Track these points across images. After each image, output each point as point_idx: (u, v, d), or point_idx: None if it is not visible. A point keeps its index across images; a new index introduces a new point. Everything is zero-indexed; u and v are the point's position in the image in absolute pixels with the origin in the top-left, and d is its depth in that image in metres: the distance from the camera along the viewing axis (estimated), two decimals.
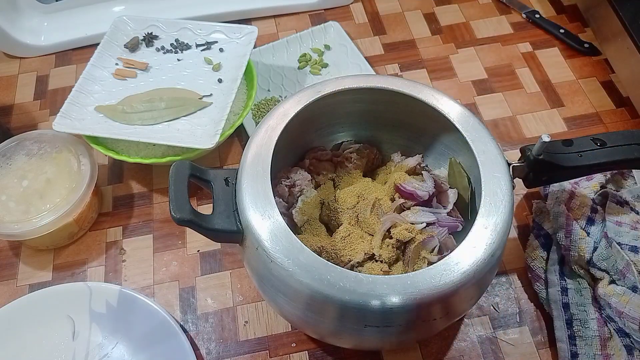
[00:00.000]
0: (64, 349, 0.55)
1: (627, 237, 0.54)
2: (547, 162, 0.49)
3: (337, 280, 0.41)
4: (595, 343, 0.52)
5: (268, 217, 0.44)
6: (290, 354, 0.56)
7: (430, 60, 0.80)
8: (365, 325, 0.42)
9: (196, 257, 0.63)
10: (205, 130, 0.62)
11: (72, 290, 0.58)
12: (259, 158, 0.47)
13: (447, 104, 0.51)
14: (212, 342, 0.57)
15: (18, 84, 0.79)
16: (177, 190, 0.44)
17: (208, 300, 0.59)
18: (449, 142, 0.56)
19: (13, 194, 0.59)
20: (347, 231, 0.52)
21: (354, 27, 0.84)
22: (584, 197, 0.59)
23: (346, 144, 0.60)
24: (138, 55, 0.71)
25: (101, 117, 0.64)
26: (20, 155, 0.62)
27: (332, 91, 0.52)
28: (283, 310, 0.47)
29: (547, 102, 0.74)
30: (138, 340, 0.55)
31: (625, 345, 0.52)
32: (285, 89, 0.76)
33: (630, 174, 0.62)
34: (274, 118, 0.50)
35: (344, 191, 0.55)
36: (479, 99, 0.75)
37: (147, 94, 0.66)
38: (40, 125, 0.75)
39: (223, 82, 0.67)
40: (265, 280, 0.45)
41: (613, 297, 0.52)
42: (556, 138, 0.51)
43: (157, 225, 0.65)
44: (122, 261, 0.63)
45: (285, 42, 0.79)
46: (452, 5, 0.86)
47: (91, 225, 0.65)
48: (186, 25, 0.72)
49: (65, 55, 0.82)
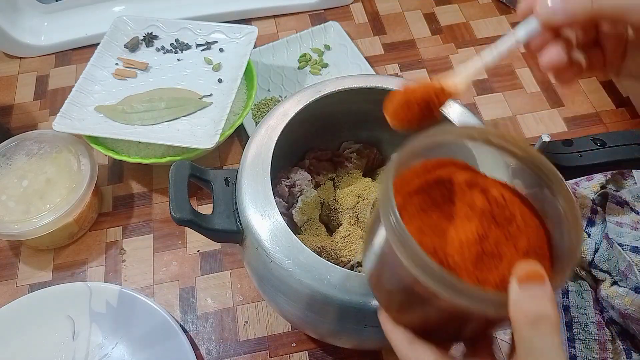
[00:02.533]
0: (64, 349, 0.55)
1: (628, 238, 0.54)
2: None
3: (337, 280, 0.41)
4: (594, 346, 0.52)
5: (268, 217, 0.44)
6: (290, 354, 0.56)
7: (430, 60, 0.80)
8: (365, 325, 0.42)
9: (196, 257, 0.63)
10: (205, 130, 0.62)
11: (72, 290, 0.58)
12: (259, 158, 0.47)
13: (447, 104, 0.51)
14: (212, 342, 0.57)
15: (18, 84, 0.79)
16: (177, 190, 0.44)
17: (208, 300, 0.59)
18: None
19: (13, 194, 0.59)
20: (347, 231, 0.52)
21: (354, 27, 0.84)
22: (583, 198, 0.59)
23: (346, 144, 0.60)
24: (138, 55, 0.71)
25: (101, 117, 0.64)
26: (20, 155, 0.62)
27: (332, 91, 0.52)
28: (283, 310, 0.47)
29: (547, 102, 0.74)
30: (138, 340, 0.55)
31: (625, 348, 0.52)
32: (285, 89, 0.76)
33: (630, 174, 0.62)
34: (274, 118, 0.50)
35: (344, 191, 0.55)
36: (479, 99, 0.75)
37: (147, 94, 0.66)
38: (40, 125, 0.75)
39: (223, 82, 0.67)
40: (265, 280, 0.45)
41: (616, 298, 0.52)
42: (556, 138, 0.51)
43: (157, 225, 0.65)
44: (122, 261, 0.63)
45: (285, 42, 0.79)
46: (452, 5, 0.86)
47: (91, 225, 0.65)
48: (186, 25, 0.72)
49: (65, 55, 0.82)
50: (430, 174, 0.34)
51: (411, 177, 0.34)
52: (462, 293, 0.26)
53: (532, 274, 0.26)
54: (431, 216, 0.32)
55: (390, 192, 0.29)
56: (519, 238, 0.31)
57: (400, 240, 0.28)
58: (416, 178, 0.34)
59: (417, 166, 0.35)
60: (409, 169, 0.34)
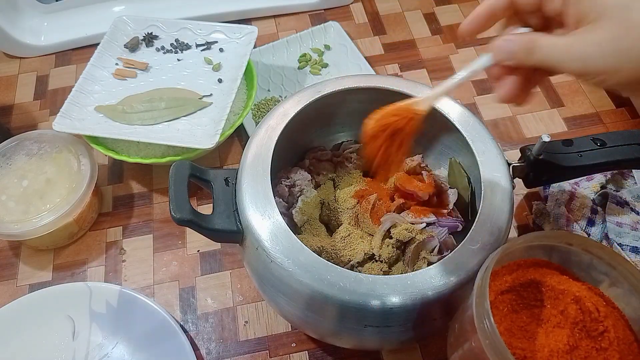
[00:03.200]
0: (64, 349, 0.55)
1: (627, 238, 0.55)
2: (547, 162, 0.49)
3: (337, 280, 0.41)
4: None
5: (268, 217, 0.44)
6: (290, 354, 0.56)
7: (430, 60, 0.80)
8: (365, 325, 0.42)
9: (196, 257, 0.63)
10: (205, 130, 0.62)
11: (72, 290, 0.58)
12: (259, 158, 0.47)
13: (447, 104, 0.51)
14: (212, 342, 0.57)
15: (18, 84, 0.79)
16: (177, 190, 0.44)
17: (208, 300, 0.59)
18: (449, 142, 0.56)
19: (13, 194, 0.59)
20: (347, 231, 0.52)
21: (354, 27, 0.84)
22: (583, 198, 0.59)
23: (346, 144, 0.60)
24: (138, 55, 0.71)
25: (101, 117, 0.64)
26: (20, 155, 0.62)
27: (332, 91, 0.52)
28: (283, 310, 0.47)
29: (547, 102, 0.74)
30: (138, 340, 0.55)
31: None
32: (285, 89, 0.76)
33: (630, 174, 0.62)
34: (274, 118, 0.50)
35: (344, 191, 0.55)
36: (479, 99, 0.75)
37: (147, 94, 0.66)
38: (40, 125, 0.75)
39: (223, 82, 0.67)
40: (265, 280, 0.45)
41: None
42: (556, 138, 0.51)
43: (157, 225, 0.65)
44: (122, 261, 0.63)
45: (285, 42, 0.79)
46: (452, 5, 0.86)
47: (91, 225, 0.65)
48: (186, 25, 0.72)
49: (65, 55, 0.82)
50: (524, 274, 0.34)
51: (504, 275, 0.33)
52: None
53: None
54: (522, 318, 0.32)
55: (486, 294, 0.29)
56: (610, 353, 0.30)
57: (492, 346, 0.28)
58: (509, 276, 0.33)
59: (511, 264, 0.35)
60: (503, 267, 0.34)
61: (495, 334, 0.28)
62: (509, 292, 0.33)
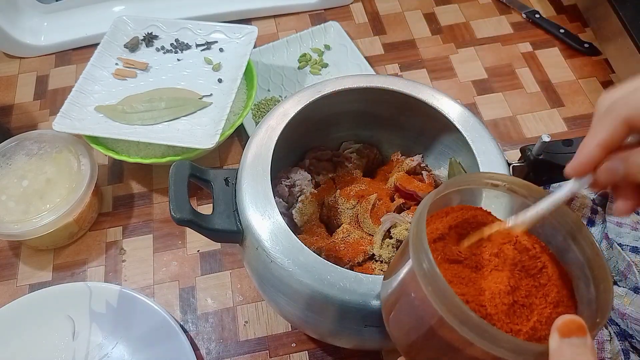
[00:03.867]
0: (64, 349, 0.55)
1: (627, 238, 0.54)
2: (547, 162, 0.49)
3: (337, 280, 0.41)
4: None
5: (268, 217, 0.44)
6: (290, 354, 0.56)
7: (430, 60, 0.80)
8: (365, 325, 0.42)
9: (196, 257, 0.63)
10: (205, 130, 0.62)
11: (72, 290, 0.58)
12: (259, 158, 0.47)
13: (447, 104, 0.51)
14: (212, 342, 0.57)
15: (18, 84, 0.79)
16: (177, 190, 0.44)
17: (208, 300, 0.59)
18: (449, 142, 0.56)
19: (13, 194, 0.59)
20: (347, 231, 0.52)
21: (354, 27, 0.84)
22: (583, 198, 0.59)
23: (346, 144, 0.60)
24: (138, 55, 0.71)
25: (101, 117, 0.64)
26: (20, 155, 0.62)
27: (332, 91, 0.52)
28: (283, 310, 0.47)
29: (547, 102, 0.74)
30: (138, 340, 0.55)
31: (623, 349, 0.52)
32: (285, 89, 0.76)
33: None
34: (274, 118, 0.50)
35: (344, 191, 0.55)
36: (479, 99, 0.75)
37: (147, 94, 0.66)
38: (40, 125, 0.75)
39: (223, 82, 0.67)
40: (265, 280, 0.45)
41: (615, 298, 0.52)
42: (556, 138, 0.51)
43: (157, 225, 0.65)
44: (122, 261, 0.63)
45: (285, 42, 0.79)
46: (452, 5, 0.86)
47: (91, 225, 0.65)
48: (186, 25, 0.72)
49: (65, 55, 0.82)
50: (456, 221, 0.34)
51: (436, 224, 0.33)
52: (501, 344, 0.26)
53: (573, 327, 0.27)
54: (457, 265, 0.32)
55: (424, 236, 0.29)
56: (549, 288, 0.31)
57: (436, 291, 0.28)
58: (441, 225, 0.33)
59: (441, 212, 0.34)
60: (433, 216, 0.34)
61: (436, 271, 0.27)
62: (441, 239, 0.32)
